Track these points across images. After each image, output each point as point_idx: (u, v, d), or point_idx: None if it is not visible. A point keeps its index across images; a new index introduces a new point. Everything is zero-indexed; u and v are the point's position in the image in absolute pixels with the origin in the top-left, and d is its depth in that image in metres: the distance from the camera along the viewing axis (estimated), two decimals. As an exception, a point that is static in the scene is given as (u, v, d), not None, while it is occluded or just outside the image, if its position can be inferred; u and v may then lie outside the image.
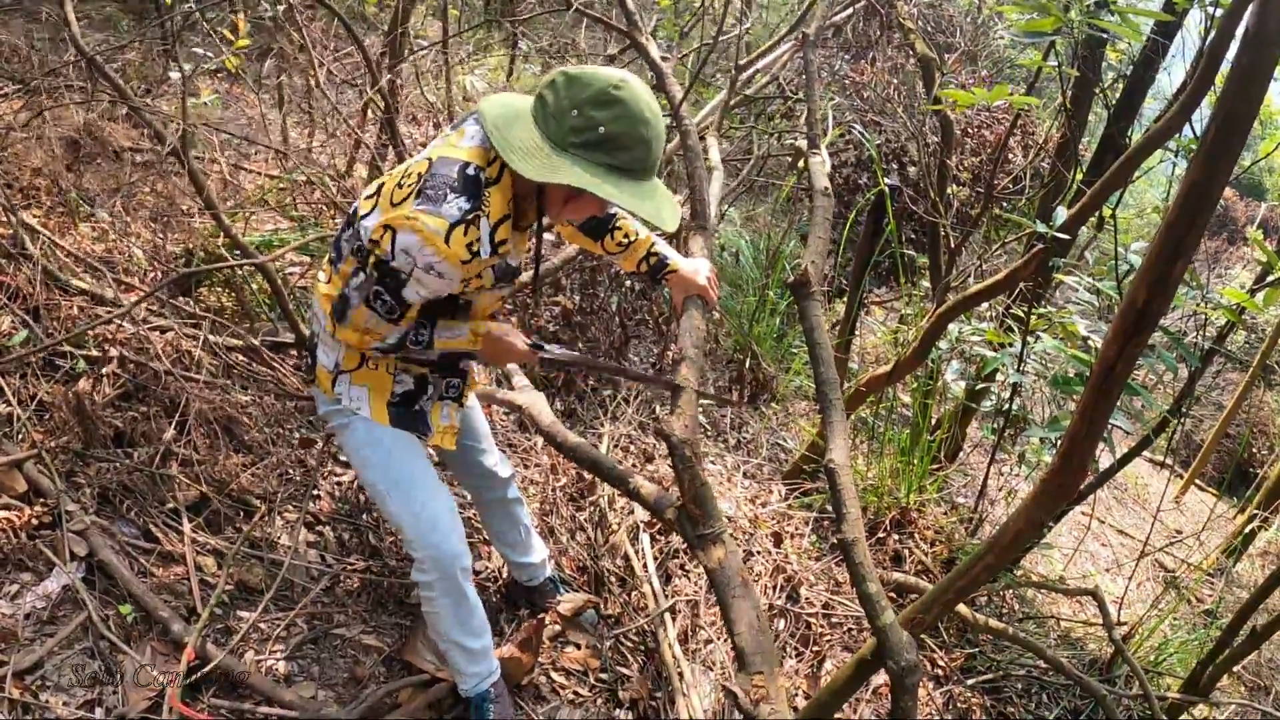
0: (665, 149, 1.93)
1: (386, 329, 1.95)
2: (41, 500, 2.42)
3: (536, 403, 2.75)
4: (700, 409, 2.75)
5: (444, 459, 2.57)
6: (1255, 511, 4.90)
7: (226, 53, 3.45)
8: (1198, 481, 7.04)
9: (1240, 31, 1.34)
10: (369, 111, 4.66)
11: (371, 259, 1.84)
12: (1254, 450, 7.79)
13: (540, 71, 6.37)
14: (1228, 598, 4.68)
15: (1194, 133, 2.80)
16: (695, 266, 2.40)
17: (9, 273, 2.91)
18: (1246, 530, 5.07)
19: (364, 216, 1.92)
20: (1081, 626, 3.68)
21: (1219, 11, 2.64)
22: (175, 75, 4.15)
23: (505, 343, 2.10)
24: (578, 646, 2.77)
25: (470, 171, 1.82)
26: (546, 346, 2.17)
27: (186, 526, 2.58)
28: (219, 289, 3.44)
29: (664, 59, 3.19)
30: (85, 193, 3.49)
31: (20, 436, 2.53)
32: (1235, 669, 3.53)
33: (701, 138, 3.59)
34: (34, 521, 2.36)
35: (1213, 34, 2.65)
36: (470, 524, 2.97)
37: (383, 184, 1.93)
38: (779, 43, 4.56)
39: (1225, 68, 2.36)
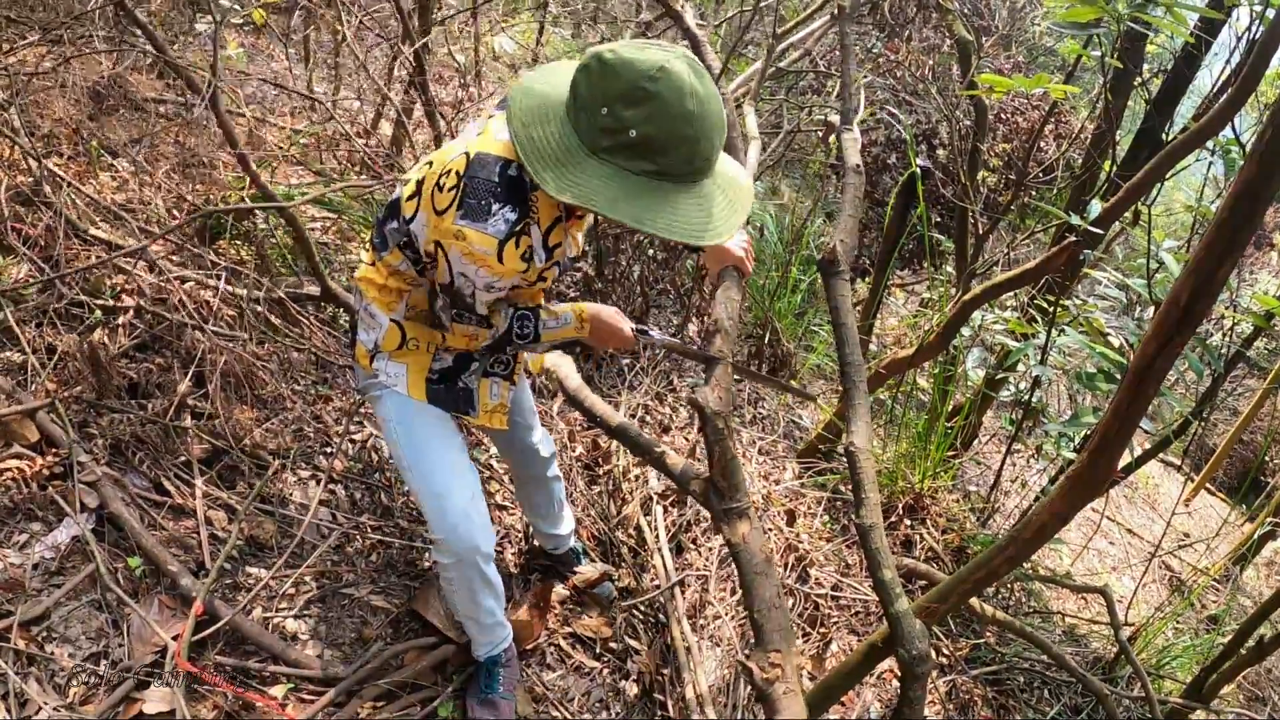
0: (726, 134, 1.67)
1: (488, 330, 1.94)
2: (53, 450, 2.41)
3: (563, 365, 2.71)
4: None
5: (488, 434, 2.54)
6: (1272, 520, 4.86)
7: (253, 4, 3.39)
8: (1208, 486, 6.99)
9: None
10: (396, 68, 4.61)
11: (437, 280, 1.80)
12: (1269, 459, 7.70)
13: (571, 36, 6.29)
14: (1233, 605, 4.65)
15: (1234, 132, 2.75)
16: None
17: (27, 221, 2.89)
18: (1256, 537, 5.03)
19: (410, 220, 1.84)
20: (1086, 624, 3.67)
21: (1269, 10, 2.58)
22: (201, 27, 4.11)
23: (612, 326, 2.01)
24: (592, 615, 2.77)
25: (512, 173, 1.68)
26: (649, 331, 2.11)
27: (198, 480, 2.58)
28: (239, 242, 3.42)
29: (699, 26, 3.12)
30: (107, 142, 3.46)
31: (34, 386, 2.52)
32: (1237, 678, 3.51)
33: (739, 106, 3.53)
34: (45, 471, 2.35)
35: (1260, 33, 2.60)
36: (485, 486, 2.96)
37: (423, 178, 1.81)
38: (815, 14, 4.49)
39: (1270, 70, 2.32)
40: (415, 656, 2.40)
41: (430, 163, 1.84)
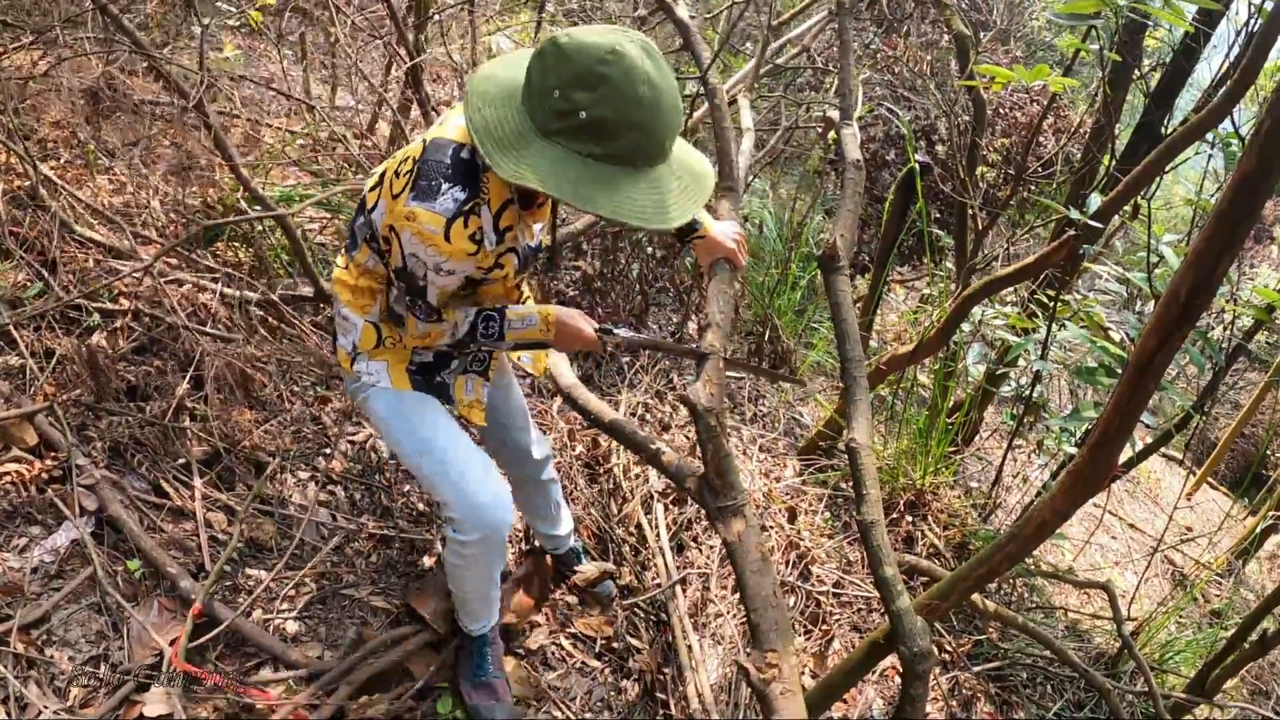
0: (682, 121, 1.66)
1: (444, 326, 1.91)
2: (52, 453, 2.41)
3: (558, 364, 2.71)
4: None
5: (481, 436, 2.54)
6: (1274, 514, 4.85)
7: (248, 6, 3.39)
8: (1210, 480, 6.97)
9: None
10: (392, 68, 4.60)
11: (391, 266, 1.80)
12: (1270, 452, 7.68)
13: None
14: (1236, 599, 4.64)
15: (1234, 125, 2.74)
16: (723, 229, 2.27)
17: (24, 226, 2.89)
18: (1259, 531, 5.02)
19: (371, 209, 1.86)
20: (1089, 619, 3.66)
21: (1268, 3, 2.58)
22: (198, 29, 4.10)
23: (574, 328, 1.99)
24: (592, 614, 2.76)
25: (464, 155, 1.70)
26: (614, 330, 2.09)
27: (198, 482, 2.57)
28: (237, 244, 3.41)
29: (691, 17, 3.09)
30: (103, 145, 3.45)
31: (33, 389, 2.51)
32: (1240, 672, 3.50)
33: (733, 100, 3.51)
34: (44, 475, 2.35)
35: (1258, 25, 2.59)
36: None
37: (385, 170, 1.83)
38: (813, 8, 4.48)
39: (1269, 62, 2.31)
40: (402, 646, 2.39)
41: (394, 159, 1.85)
